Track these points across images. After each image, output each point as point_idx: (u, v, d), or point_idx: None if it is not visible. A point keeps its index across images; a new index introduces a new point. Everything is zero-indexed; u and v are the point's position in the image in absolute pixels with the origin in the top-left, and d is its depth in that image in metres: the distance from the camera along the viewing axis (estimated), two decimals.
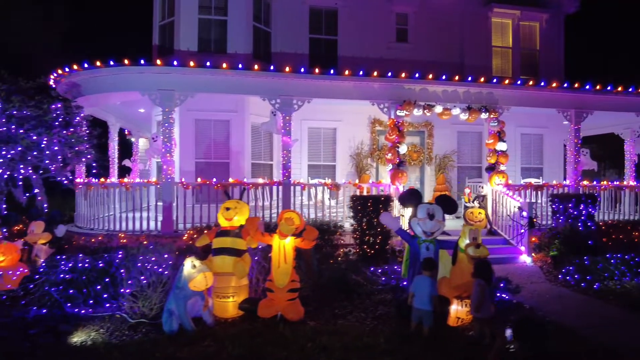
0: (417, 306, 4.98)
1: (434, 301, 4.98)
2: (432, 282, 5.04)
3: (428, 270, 5.09)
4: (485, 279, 4.86)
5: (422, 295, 4.96)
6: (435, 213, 5.65)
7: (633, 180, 12.95)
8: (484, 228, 10.01)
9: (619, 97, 10.94)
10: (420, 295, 4.97)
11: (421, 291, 4.98)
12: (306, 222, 8.42)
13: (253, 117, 11.08)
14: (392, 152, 9.66)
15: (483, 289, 4.81)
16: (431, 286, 5.00)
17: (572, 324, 5.52)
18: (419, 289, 5.00)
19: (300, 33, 12.23)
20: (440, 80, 9.70)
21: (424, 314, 4.96)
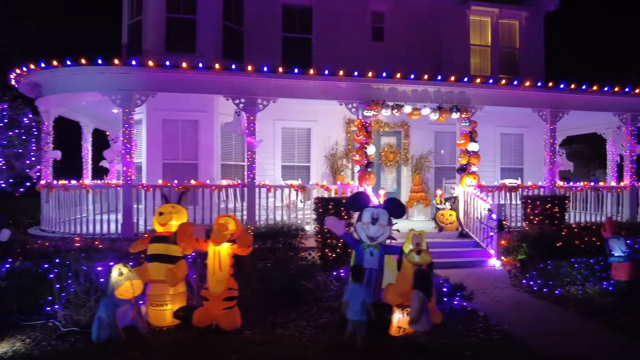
0: (349, 317, 4.77)
1: (368, 310, 4.77)
2: (365, 290, 4.84)
3: (355, 280, 4.90)
4: (424, 290, 4.64)
5: (355, 305, 4.75)
6: (379, 217, 5.45)
7: (615, 181, 12.72)
8: (455, 230, 9.90)
9: (595, 97, 10.70)
10: (353, 305, 4.76)
11: (354, 300, 4.77)
12: (268, 224, 8.32)
13: (223, 117, 10.86)
14: (360, 153, 9.45)
15: (422, 301, 4.60)
16: (364, 295, 4.79)
17: (523, 332, 5.31)
18: (352, 298, 4.79)
19: (273, 32, 12.02)
20: (409, 79, 9.49)
21: (356, 324, 4.75)
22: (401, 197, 12.66)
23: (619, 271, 6.56)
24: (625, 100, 10.90)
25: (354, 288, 4.85)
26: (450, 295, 6.05)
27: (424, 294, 4.58)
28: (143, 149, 10.69)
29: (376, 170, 12.49)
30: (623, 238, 6.65)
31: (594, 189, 11.00)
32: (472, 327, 5.42)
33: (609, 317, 5.78)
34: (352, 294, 4.80)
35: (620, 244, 6.59)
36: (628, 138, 11.02)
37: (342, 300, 4.91)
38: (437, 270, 8.28)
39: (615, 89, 10.50)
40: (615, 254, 6.60)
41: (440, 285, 6.21)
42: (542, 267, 7.24)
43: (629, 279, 6.46)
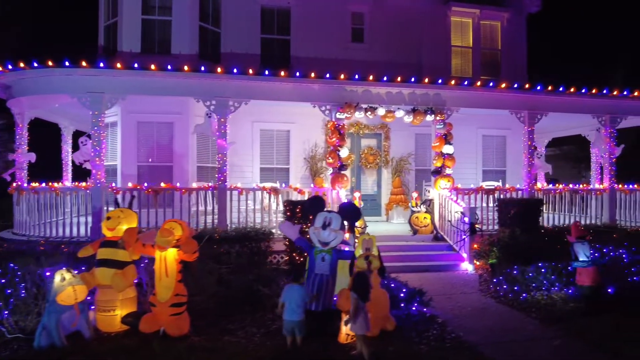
0: (286, 317, 4.70)
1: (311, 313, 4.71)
2: (301, 291, 4.77)
3: (296, 280, 4.83)
4: (360, 293, 4.55)
5: (292, 306, 4.68)
6: (332, 222, 5.36)
7: (599, 183, 12.60)
8: (429, 233, 9.81)
9: (573, 99, 10.59)
10: (290, 306, 4.69)
11: (291, 301, 4.70)
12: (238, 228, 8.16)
13: (198, 119, 10.77)
14: (333, 156, 9.37)
15: (356, 302, 4.50)
16: (302, 295, 4.72)
17: (477, 340, 5.21)
18: (289, 299, 4.72)
19: (251, 33, 11.95)
20: (382, 81, 9.40)
21: (295, 325, 4.68)
22: (381, 200, 12.62)
23: (583, 276, 6.45)
24: (603, 102, 10.80)
25: (291, 288, 4.79)
26: (407, 301, 5.94)
27: (358, 297, 4.49)
28: (118, 151, 10.64)
29: (356, 172, 12.46)
30: (588, 243, 6.55)
31: (573, 191, 10.89)
32: (426, 334, 5.32)
33: (568, 324, 5.68)
34: (289, 294, 4.74)
35: (585, 248, 6.49)
36: (607, 140, 10.91)
37: (279, 301, 4.83)
38: (408, 274, 8.25)
39: (593, 90, 10.40)
40: (580, 259, 6.49)
41: (399, 290, 6.11)
42: (508, 272, 7.13)
43: (593, 284, 6.36)
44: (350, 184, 12.45)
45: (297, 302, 4.72)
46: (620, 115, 10.94)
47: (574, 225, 6.79)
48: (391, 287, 6.19)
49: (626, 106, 10.94)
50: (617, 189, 11.04)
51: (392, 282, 6.43)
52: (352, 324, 4.49)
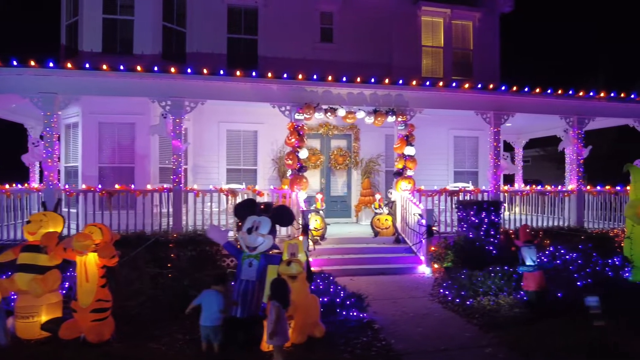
0: (201, 323, 4.57)
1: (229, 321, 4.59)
2: (219, 297, 4.64)
3: (216, 285, 4.70)
4: (281, 300, 4.41)
5: (206, 311, 4.56)
6: (260, 226, 5.22)
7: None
8: (391, 235, 9.68)
9: (539, 99, 10.47)
10: (205, 311, 4.56)
11: (207, 307, 4.57)
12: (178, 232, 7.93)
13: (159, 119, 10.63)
14: (292, 157, 9.23)
15: (278, 311, 4.37)
16: (217, 301, 4.59)
17: (407, 347, 5.08)
18: (205, 303, 4.59)
19: (218, 33, 11.80)
20: (342, 82, 9.26)
21: (209, 331, 4.56)
22: (351, 201, 12.49)
23: (529, 281, 6.32)
24: (570, 103, 10.68)
25: (208, 293, 4.66)
26: (344, 307, 5.81)
27: (280, 304, 4.36)
28: (79, 152, 10.49)
29: (326, 173, 12.34)
30: (535, 247, 6.41)
31: (541, 193, 10.77)
32: (356, 341, 5.18)
33: (507, 331, 5.53)
34: (205, 298, 4.61)
35: (532, 252, 6.35)
36: (574, 141, 10.79)
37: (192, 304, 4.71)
38: (362, 278, 8.15)
39: (559, 91, 10.27)
40: (527, 263, 6.36)
41: (336, 295, 5.97)
42: (456, 277, 7.01)
43: (538, 289, 6.23)
44: (320, 186, 12.35)
45: (213, 308, 4.59)
46: (587, 117, 10.82)
47: (522, 229, 6.65)
48: (330, 291, 6.06)
49: (594, 107, 10.83)
50: (585, 190, 10.93)
51: (332, 287, 6.28)
52: (272, 334, 4.35)
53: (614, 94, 10.62)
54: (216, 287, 4.72)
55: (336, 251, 9.02)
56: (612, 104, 10.85)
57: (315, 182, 12.31)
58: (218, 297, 4.62)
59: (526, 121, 13.08)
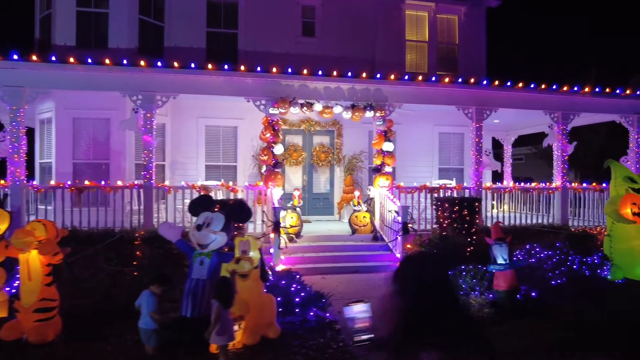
0: (138, 324, 4.38)
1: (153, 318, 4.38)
2: (151, 298, 4.43)
3: (154, 285, 4.50)
4: (223, 299, 4.21)
5: (143, 313, 4.37)
6: (212, 222, 5.01)
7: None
8: (369, 233, 9.47)
9: (523, 94, 10.23)
10: (142, 313, 4.37)
11: (144, 307, 4.38)
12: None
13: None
14: (267, 153, 9.02)
15: (218, 311, 4.17)
16: (149, 303, 4.40)
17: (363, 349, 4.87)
18: (143, 305, 4.39)
19: (197, 27, 11.57)
20: (318, 76, 9.04)
21: (143, 333, 4.37)
22: (334, 199, 12.29)
23: (499, 280, 6.12)
24: (554, 97, 10.44)
25: (145, 294, 4.45)
26: (304, 306, 5.61)
27: (220, 304, 4.16)
28: (53, 148, 10.28)
29: (308, 170, 12.13)
30: (506, 245, 6.19)
31: (524, 190, 10.56)
32: (312, 342, 4.99)
33: None
34: (142, 300, 4.41)
35: (503, 250, 6.14)
36: (559, 137, 10.56)
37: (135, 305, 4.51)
38: (335, 276, 7.95)
39: (542, 86, 10.05)
40: (498, 262, 6.15)
41: (296, 294, 5.77)
42: None
43: (508, 289, 6.03)
44: (302, 182, 12.15)
45: (148, 309, 4.39)
46: (572, 112, 10.58)
47: (494, 226, 6.44)
48: (291, 291, 5.86)
49: (578, 103, 10.59)
50: (570, 187, 10.71)
51: (296, 285, 6.07)
52: (213, 334, 4.16)
53: (599, 89, 10.39)
54: (152, 287, 4.51)
55: (311, 249, 8.82)
56: (597, 100, 10.62)
57: (297, 179, 12.12)
58: (149, 298, 4.41)
59: (513, 117, 12.84)
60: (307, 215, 12.07)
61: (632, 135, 11.09)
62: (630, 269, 7.54)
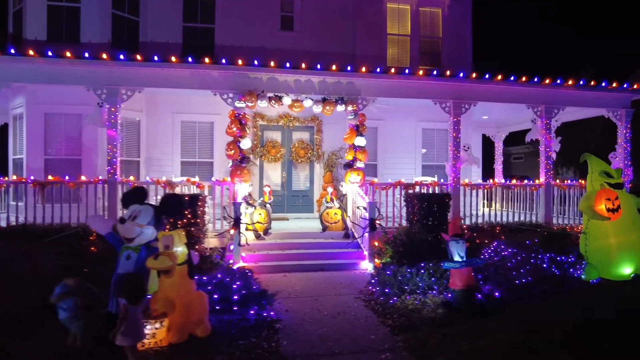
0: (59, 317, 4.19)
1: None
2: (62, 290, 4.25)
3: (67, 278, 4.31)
4: (130, 297, 3.98)
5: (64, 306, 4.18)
6: (139, 215, 4.79)
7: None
8: (341, 230, 9.20)
9: (503, 87, 9.88)
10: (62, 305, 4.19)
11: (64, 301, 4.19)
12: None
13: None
14: (233, 147, 8.80)
15: (125, 310, 3.94)
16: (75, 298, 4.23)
17: (295, 350, 4.58)
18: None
19: (173, 22, 11.41)
20: (285, 68, 8.80)
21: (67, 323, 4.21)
22: (314, 196, 12.03)
23: (455, 278, 5.80)
24: (538, 91, 10.07)
25: (60, 287, 4.27)
26: (243, 304, 5.36)
27: (127, 301, 3.93)
28: (24, 144, 10.19)
29: (287, 167, 11.89)
30: (464, 241, 5.89)
31: (505, 186, 10.20)
32: (242, 341, 4.72)
33: (419, 333, 5.03)
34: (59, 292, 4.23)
35: (459, 247, 5.83)
36: (542, 132, 10.18)
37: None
38: (298, 274, 7.69)
39: (523, 79, 9.67)
40: (455, 259, 5.85)
41: (237, 292, 5.53)
42: (383, 273, 6.51)
43: (464, 288, 5.71)
44: (281, 179, 11.91)
45: (69, 304, 4.19)
46: (556, 106, 10.20)
47: (452, 222, 6.13)
48: (233, 288, 5.62)
49: (562, 96, 10.20)
50: (554, 184, 10.31)
51: (241, 282, 5.83)
52: (118, 334, 3.93)
53: (583, 82, 9.99)
54: (67, 280, 4.31)
55: (278, 246, 8.57)
56: (582, 93, 10.22)
57: (276, 176, 11.90)
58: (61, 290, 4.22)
59: (502, 113, 12.51)
60: (286, 212, 11.86)
61: (621, 130, 10.66)
62: (605, 268, 7.17)
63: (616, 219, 7.05)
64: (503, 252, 6.79)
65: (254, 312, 5.33)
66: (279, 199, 11.83)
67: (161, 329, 4.55)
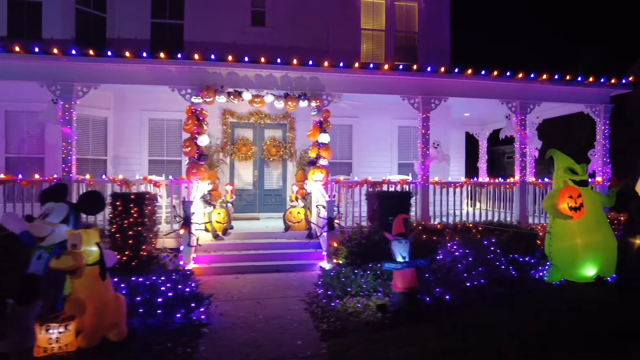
0: None
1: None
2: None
3: None
4: (19, 299, 3.74)
5: None
6: (51, 213, 4.57)
7: (531, 175, 11.50)
8: (304, 229, 8.93)
9: (474, 82, 9.55)
10: None
11: None
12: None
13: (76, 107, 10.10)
14: (189, 144, 8.55)
15: (11, 309, 3.70)
16: None
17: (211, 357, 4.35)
18: None
19: (141, 18, 11.20)
20: (244, 62, 8.53)
21: None
22: (287, 195, 11.75)
23: (397, 280, 5.49)
24: (512, 86, 9.73)
25: None
26: (166, 308, 5.10)
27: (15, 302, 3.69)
28: None
29: (259, 165, 11.64)
30: (405, 241, 5.58)
31: (477, 185, 9.87)
32: (157, 346, 4.47)
33: (349, 338, 4.75)
34: None
35: (402, 247, 5.53)
36: (517, 128, 9.83)
37: None
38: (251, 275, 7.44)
39: (494, 73, 9.33)
40: (397, 259, 5.55)
41: (163, 294, 5.27)
42: (326, 274, 6.23)
43: (406, 290, 5.41)
44: (253, 178, 11.66)
45: None
46: (531, 101, 9.84)
47: (395, 221, 5.82)
48: (160, 290, 5.37)
49: (537, 91, 9.85)
50: (530, 182, 9.97)
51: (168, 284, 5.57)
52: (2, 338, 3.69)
53: (558, 76, 9.63)
54: None
55: (237, 247, 8.31)
56: (557, 87, 9.86)
57: (247, 175, 11.64)
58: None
59: (483, 110, 12.17)
60: (258, 212, 11.60)
61: (599, 126, 10.30)
62: (569, 270, 6.82)
63: (579, 217, 6.70)
64: (455, 252, 6.47)
65: (180, 316, 5.07)
66: (251, 198, 11.59)
67: (66, 333, 4.29)
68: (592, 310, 5.57)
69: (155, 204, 7.80)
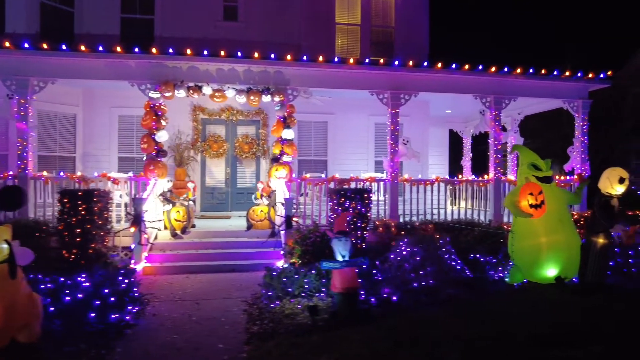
0: None
1: None
2: None
3: None
4: None
5: None
6: None
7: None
8: (268, 228, 8.69)
9: (445, 76, 9.26)
10: None
11: None
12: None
13: (42, 103, 9.91)
14: (147, 140, 8.35)
15: None
16: None
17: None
18: None
19: (110, 13, 11.01)
20: (204, 56, 8.31)
21: None
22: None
23: (335, 280, 5.21)
24: (485, 80, 9.43)
25: None
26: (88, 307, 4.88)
27: None
28: None
29: (231, 163, 11.42)
30: (349, 240, 5.31)
31: (448, 182, 9.57)
32: (70, 348, 4.26)
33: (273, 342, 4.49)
34: None
35: (342, 246, 5.25)
36: (492, 124, 9.52)
37: None
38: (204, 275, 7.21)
39: (465, 67, 9.04)
40: (337, 258, 5.29)
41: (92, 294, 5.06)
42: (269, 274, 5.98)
43: (344, 290, 5.14)
44: (225, 176, 11.44)
45: None
46: (506, 96, 9.53)
47: (337, 219, 5.56)
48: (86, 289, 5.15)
49: (512, 86, 9.54)
50: (505, 180, 9.65)
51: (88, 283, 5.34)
52: None
53: (533, 70, 9.31)
54: None
55: (195, 246, 8.09)
56: (533, 82, 9.54)
57: (219, 172, 11.42)
58: None
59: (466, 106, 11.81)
60: (230, 210, 11.38)
61: (578, 122, 9.97)
62: (530, 271, 6.50)
63: (540, 215, 6.38)
64: (404, 251, 6.19)
65: (100, 317, 4.86)
66: (223, 197, 11.37)
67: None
68: (542, 311, 5.28)
69: (108, 201, 7.59)
